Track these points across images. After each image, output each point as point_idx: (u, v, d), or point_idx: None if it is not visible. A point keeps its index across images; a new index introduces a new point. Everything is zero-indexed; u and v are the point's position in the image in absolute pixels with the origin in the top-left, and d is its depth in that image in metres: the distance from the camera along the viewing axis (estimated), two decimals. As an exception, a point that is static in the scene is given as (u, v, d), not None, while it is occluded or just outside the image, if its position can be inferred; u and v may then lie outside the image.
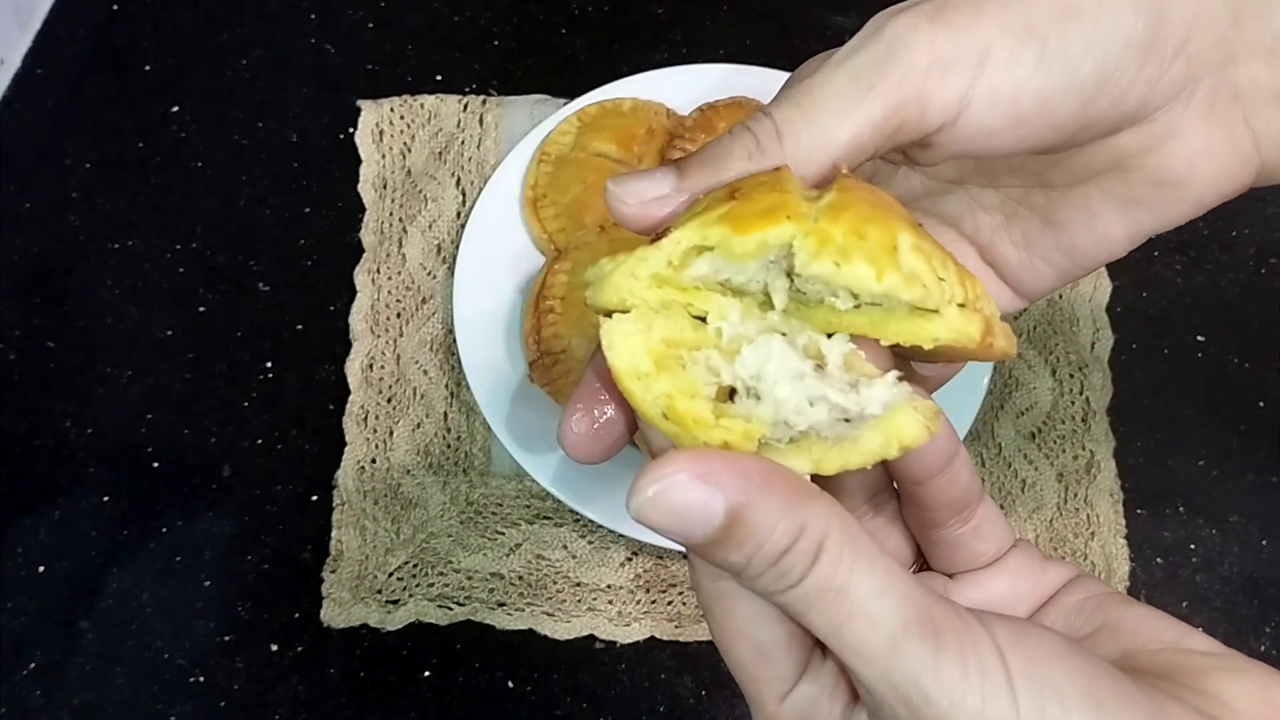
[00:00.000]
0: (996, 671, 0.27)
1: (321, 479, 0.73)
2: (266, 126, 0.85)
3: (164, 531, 0.71)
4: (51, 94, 0.86)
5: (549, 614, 0.69)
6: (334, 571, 0.70)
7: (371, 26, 0.90)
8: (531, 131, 0.80)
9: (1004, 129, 0.34)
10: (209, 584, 0.70)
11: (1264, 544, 0.71)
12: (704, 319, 0.31)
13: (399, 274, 0.79)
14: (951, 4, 0.34)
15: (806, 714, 0.31)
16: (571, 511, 0.71)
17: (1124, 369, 0.76)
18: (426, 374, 0.76)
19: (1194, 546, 0.71)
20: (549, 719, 0.67)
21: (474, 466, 0.73)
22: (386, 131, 0.84)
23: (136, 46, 0.89)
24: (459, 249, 0.76)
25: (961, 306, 0.30)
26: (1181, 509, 0.72)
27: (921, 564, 0.38)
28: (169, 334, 0.78)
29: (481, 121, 0.84)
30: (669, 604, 0.69)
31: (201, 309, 0.78)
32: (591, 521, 0.70)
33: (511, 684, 0.68)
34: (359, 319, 0.77)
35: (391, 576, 0.69)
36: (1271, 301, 0.79)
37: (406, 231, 0.80)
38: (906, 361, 0.33)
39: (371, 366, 0.76)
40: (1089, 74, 0.34)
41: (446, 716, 0.67)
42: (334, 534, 0.71)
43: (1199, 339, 0.78)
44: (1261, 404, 0.75)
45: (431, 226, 0.80)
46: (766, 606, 0.30)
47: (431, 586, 0.69)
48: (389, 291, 0.78)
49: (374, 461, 0.73)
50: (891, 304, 0.30)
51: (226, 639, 0.69)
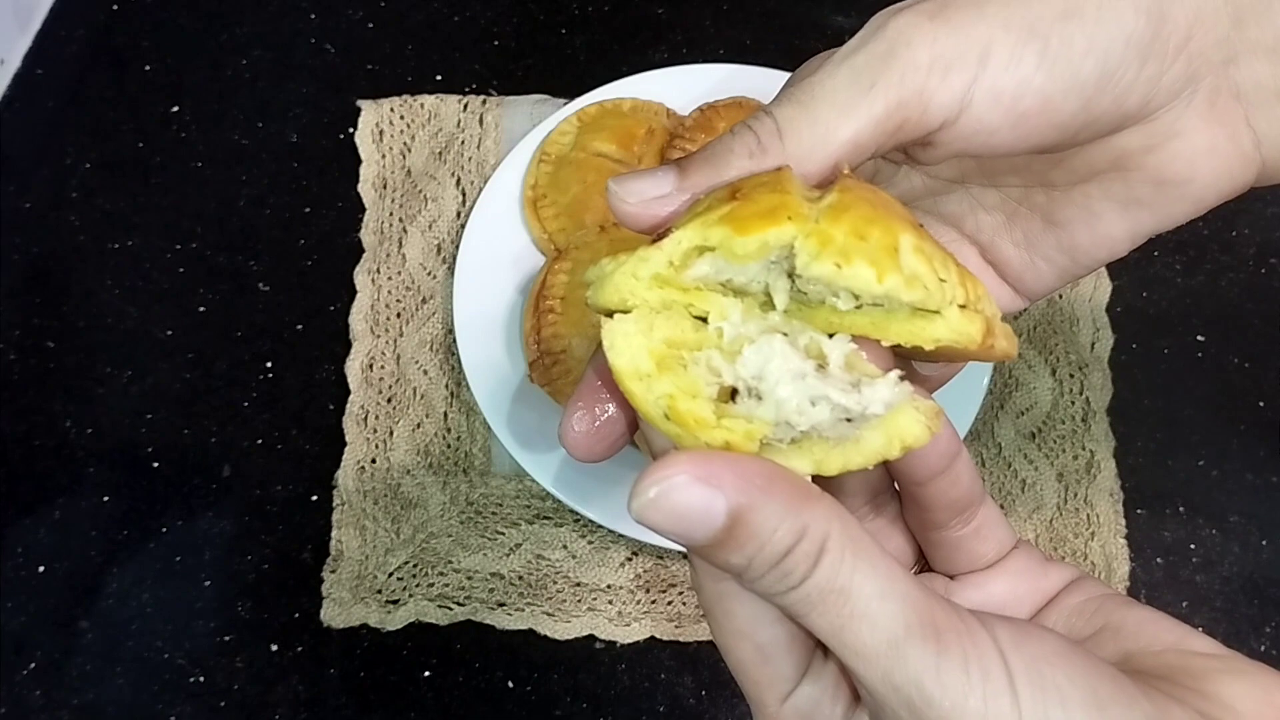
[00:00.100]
0: (998, 673, 0.27)
1: (321, 479, 0.73)
2: (266, 126, 0.85)
3: (164, 531, 0.71)
4: (51, 94, 0.86)
5: (549, 614, 0.69)
6: (334, 571, 0.70)
7: (371, 26, 0.90)
8: (531, 131, 0.80)
9: (1005, 127, 0.34)
10: (209, 584, 0.70)
11: (1264, 544, 0.71)
12: (705, 319, 0.31)
13: (399, 274, 0.79)
14: (953, 3, 0.33)
15: (808, 715, 0.31)
16: (571, 511, 0.71)
17: (1124, 369, 0.76)
18: (426, 374, 0.76)
19: (1194, 546, 0.71)
20: (549, 719, 0.67)
21: (474, 466, 0.73)
22: (386, 131, 0.84)
23: (136, 46, 0.89)
24: (459, 249, 0.76)
25: (963, 308, 0.30)
26: (1181, 509, 0.72)
27: (922, 565, 0.38)
28: (169, 334, 0.78)
29: (481, 121, 0.84)
30: (669, 604, 0.69)
31: (201, 309, 0.78)
32: (591, 521, 0.70)
33: (511, 684, 0.68)
34: (359, 319, 0.77)
35: (391, 576, 0.69)
36: (1271, 301, 0.78)
37: (406, 231, 0.80)
38: (907, 361, 0.33)
39: (371, 366, 0.76)
40: (1090, 73, 0.34)
41: (446, 716, 0.67)
42: (334, 534, 0.71)
43: (1199, 339, 0.77)
44: (1261, 404, 0.75)
45: (431, 226, 0.80)
46: (768, 608, 0.30)
47: (431, 586, 0.69)
48: (389, 291, 0.78)
49: (374, 461, 0.73)
50: (893, 305, 0.30)
51: (226, 639, 0.68)
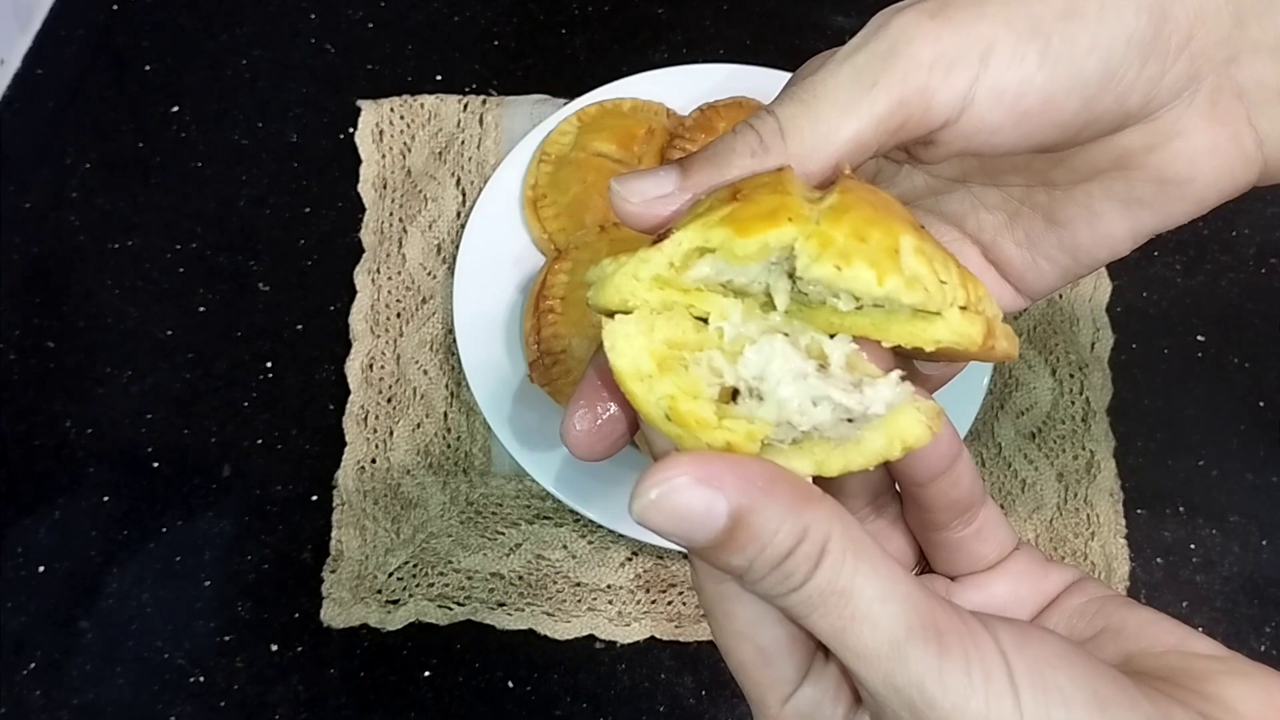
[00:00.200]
0: (1000, 675, 0.27)
1: (321, 479, 0.73)
2: (266, 126, 0.85)
3: (164, 531, 0.71)
4: (51, 94, 0.86)
5: (549, 614, 0.69)
6: (334, 571, 0.70)
7: (371, 26, 0.90)
8: (531, 131, 0.80)
9: (1007, 126, 0.34)
10: (209, 584, 0.70)
11: (1264, 544, 0.71)
12: (706, 320, 0.31)
13: (399, 274, 0.79)
14: (955, 2, 0.33)
15: (809, 717, 0.31)
16: (571, 511, 0.71)
17: (1124, 369, 0.76)
18: (426, 374, 0.76)
19: (1194, 546, 0.71)
20: (549, 719, 0.67)
21: (474, 466, 0.73)
22: (386, 131, 0.84)
23: (136, 46, 0.89)
24: (459, 249, 0.76)
25: (963, 309, 0.30)
26: (1181, 509, 0.72)
27: (923, 566, 0.38)
28: (169, 334, 0.77)
29: (481, 121, 0.84)
30: (669, 604, 0.69)
31: (201, 309, 0.78)
32: (591, 521, 0.70)
33: (511, 684, 0.68)
34: (359, 319, 0.77)
35: (391, 576, 0.69)
36: (1271, 301, 0.78)
37: (406, 231, 0.80)
38: (909, 361, 0.33)
39: (371, 366, 0.76)
40: (1092, 71, 0.34)
41: (446, 716, 0.67)
42: (334, 534, 0.71)
43: (1199, 339, 0.77)
44: (1261, 404, 0.75)
45: (431, 226, 0.80)
46: (769, 609, 0.30)
47: (431, 586, 0.69)
48: (389, 291, 0.78)
49: (374, 461, 0.73)
50: (893, 306, 0.29)
51: (226, 639, 0.68)
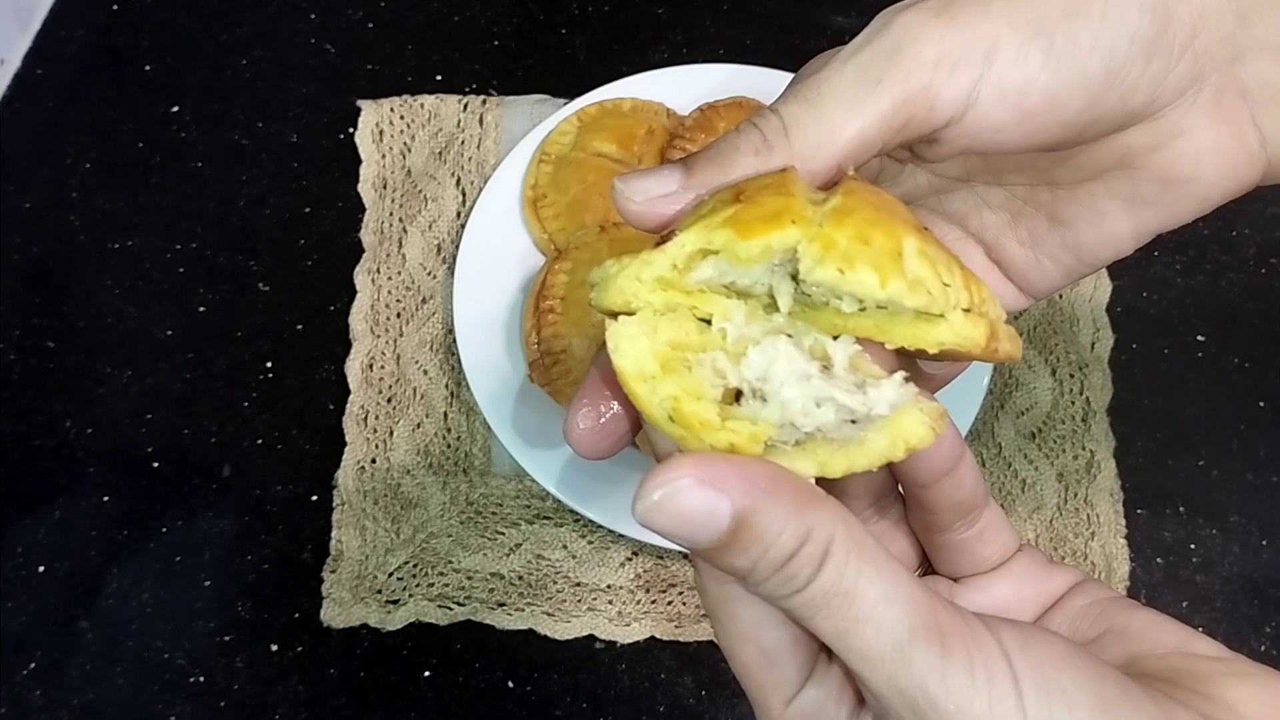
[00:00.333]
0: (1003, 677, 0.27)
1: (321, 479, 0.73)
2: (266, 126, 0.85)
3: (164, 531, 0.71)
4: (51, 94, 0.86)
5: (549, 614, 0.69)
6: (334, 571, 0.69)
7: (371, 26, 0.90)
8: (531, 131, 0.80)
9: (1011, 125, 0.34)
10: (209, 584, 0.70)
11: (1264, 544, 0.71)
12: (709, 321, 0.31)
13: (399, 274, 0.79)
14: (958, 0, 0.33)
15: (812, 718, 0.31)
16: (571, 511, 0.71)
17: (1124, 369, 0.76)
18: (426, 374, 0.76)
19: (1194, 546, 0.71)
20: (549, 719, 0.67)
21: (474, 466, 0.73)
22: (386, 131, 0.84)
23: (136, 46, 0.88)
24: (459, 249, 0.76)
25: (966, 311, 0.30)
26: (1181, 509, 0.72)
27: (926, 568, 0.38)
28: (169, 334, 0.77)
29: (481, 121, 0.84)
30: (669, 604, 0.69)
31: (201, 309, 0.78)
32: (591, 521, 0.70)
33: (511, 684, 0.68)
34: (359, 319, 0.77)
35: (391, 576, 0.69)
36: (1271, 301, 0.79)
37: (406, 231, 0.80)
38: (912, 359, 0.33)
39: (371, 366, 0.76)
40: (1096, 70, 0.34)
41: (446, 716, 0.67)
42: (334, 534, 0.71)
43: (1199, 339, 0.78)
44: (1261, 404, 0.76)
45: (431, 226, 0.80)
46: (772, 610, 0.30)
47: (431, 586, 0.69)
48: (389, 291, 0.78)
49: (374, 461, 0.73)
50: (896, 308, 0.29)
51: (226, 639, 0.68)
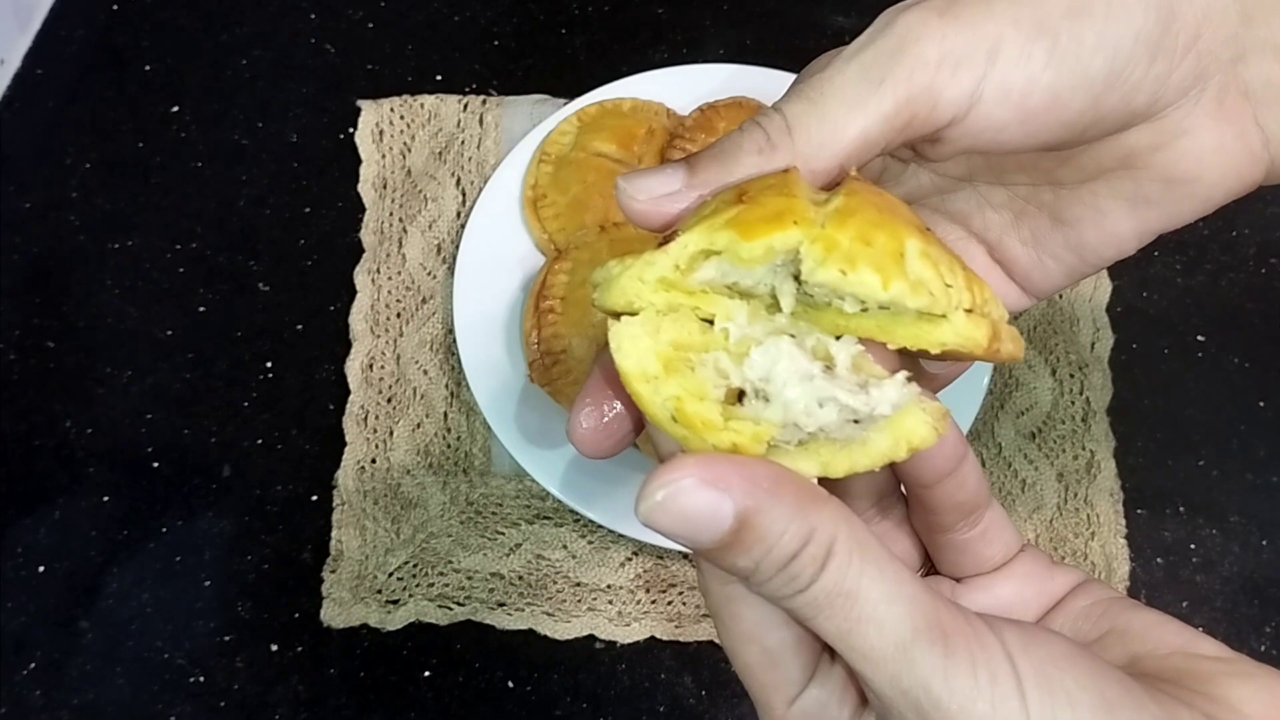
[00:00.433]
0: (1006, 677, 0.27)
1: (321, 479, 0.73)
2: (266, 126, 0.85)
3: (164, 531, 0.71)
4: (51, 94, 0.86)
5: (549, 614, 0.69)
6: (334, 571, 0.69)
7: (371, 26, 0.90)
8: (531, 131, 0.80)
9: (1014, 124, 0.34)
10: (209, 584, 0.70)
11: (1264, 544, 0.71)
12: (711, 322, 0.31)
13: (399, 274, 0.79)
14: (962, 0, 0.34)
15: (815, 718, 0.31)
16: (571, 511, 0.71)
17: (1124, 369, 0.76)
18: (426, 374, 0.76)
19: (1194, 546, 0.71)
20: (549, 719, 0.67)
21: (474, 466, 0.73)
22: (386, 131, 0.84)
23: (136, 46, 0.88)
24: (459, 249, 0.76)
25: (969, 312, 0.30)
26: (1181, 509, 0.72)
27: (928, 568, 0.38)
28: (169, 334, 0.77)
29: (481, 121, 0.84)
30: (669, 604, 0.69)
31: (201, 309, 0.78)
32: (591, 521, 0.70)
33: (511, 684, 0.68)
34: (359, 319, 0.77)
35: (391, 576, 0.69)
36: (1271, 301, 0.79)
37: (406, 231, 0.80)
38: (914, 359, 0.33)
39: (371, 366, 0.76)
40: (1099, 70, 0.34)
41: (446, 716, 0.67)
42: (334, 534, 0.71)
43: (1199, 339, 0.78)
44: (1261, 404, 0.76)
45: (431, 226, 0.80)
46: (775, 611, 0.30)
47: (431, 586, 0.69)
48: (389, 291, 0.78)
49: (374, 461, 0.73)
50: (898, 309, 0.29)
51: (226, 639, 0.68)
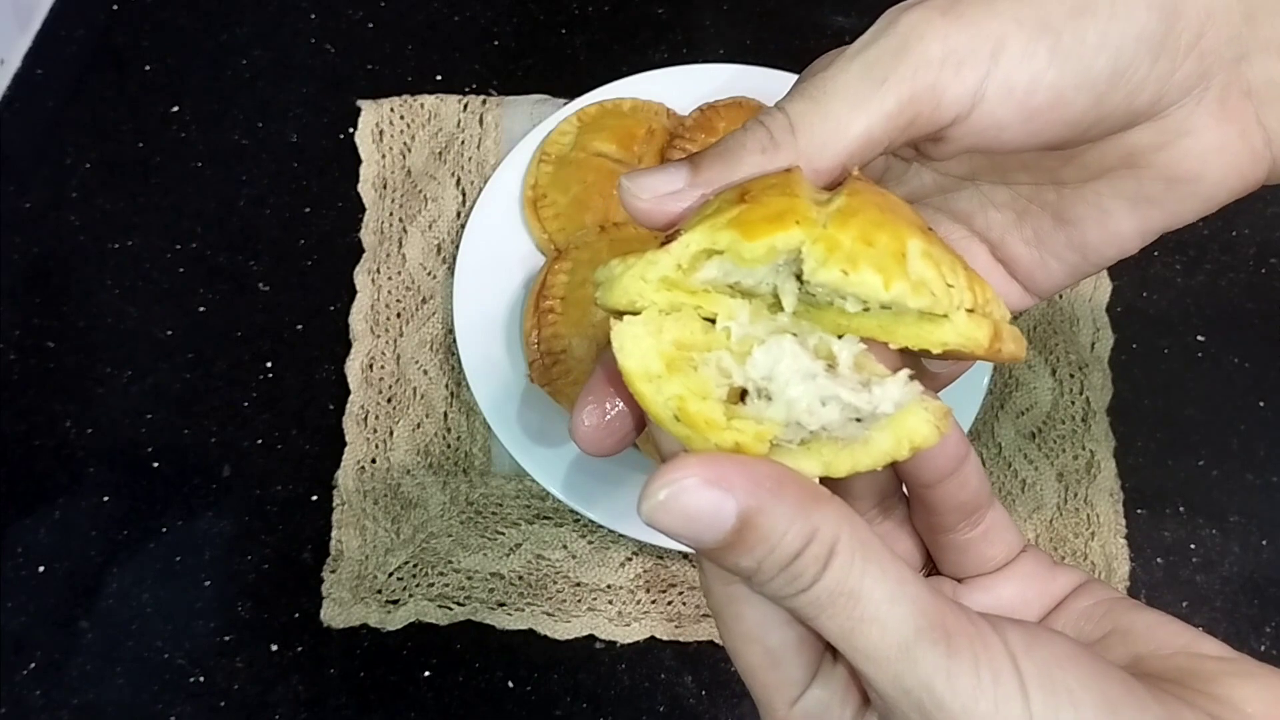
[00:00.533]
0: (1009, 677, 0.27)
1: (321, 479, 0.73)
2: (266, 126, 0.85)
3: (164, 531, 0.71)
4: (51, 94, 0.86)
5: (549, 614, 0.69)
6: (334, 571, 0.69)
7: (371, 26, 0.90)
8: (531, 131, 0.80)
9: (1017, 123, 0.34)
10: (209, 584, 0.70)
11: (1264, 544, 0.71)
12: (713, 321, 0.31)
13: (399, 274, 0.79)
14: None
15: (817, 719, 0.31)
16: (571, 511, 0.71)
17: (1124, 369, 0.76)
18: (426, 374, 0.76)
19: (1194, 546, 0.72)
20: (549, 719, 0.67)
21: (474, 466, 0.73)
22: (386, 131, 0.84)
23: (136, 46, 0.88)
24: (459, 249, 0.76)
25: (970, 312, 0.30)
26: (1181, 509, 0.72)
27: (930, 569, 0.38)
28: (169, 334, 0.77)
29: (481, 121, 0.84)
30: (669, 604, 0.69)
31: (201, 309, 0.78)
32: (591, 521, 0.70)
33: (511, 684, 0.68)
34: (359, 319, 0.77)
35: (391, 576, 0.69)
36: (1271, 301, 0.79)
37: (406, 231, 0.80)
38: (915, 358, 0.33)
39: (371, 366, 0.76)
40: (1102, 69, 0.34)
41: (446, 716, 0.67)
42: (334, 534, 0.71)
43: (1199, 339, 0.78)
44: (1261, 404, 0.76)
45: (431, 226, 0.80)
46: (777, 611, 0.30)
47: (431, 586, 0.69)
48: (389, 291, 0.78)
49: (374, 461, 0.73)
50: (900, 309, 0.29)
51: (226, 639, 0.68)
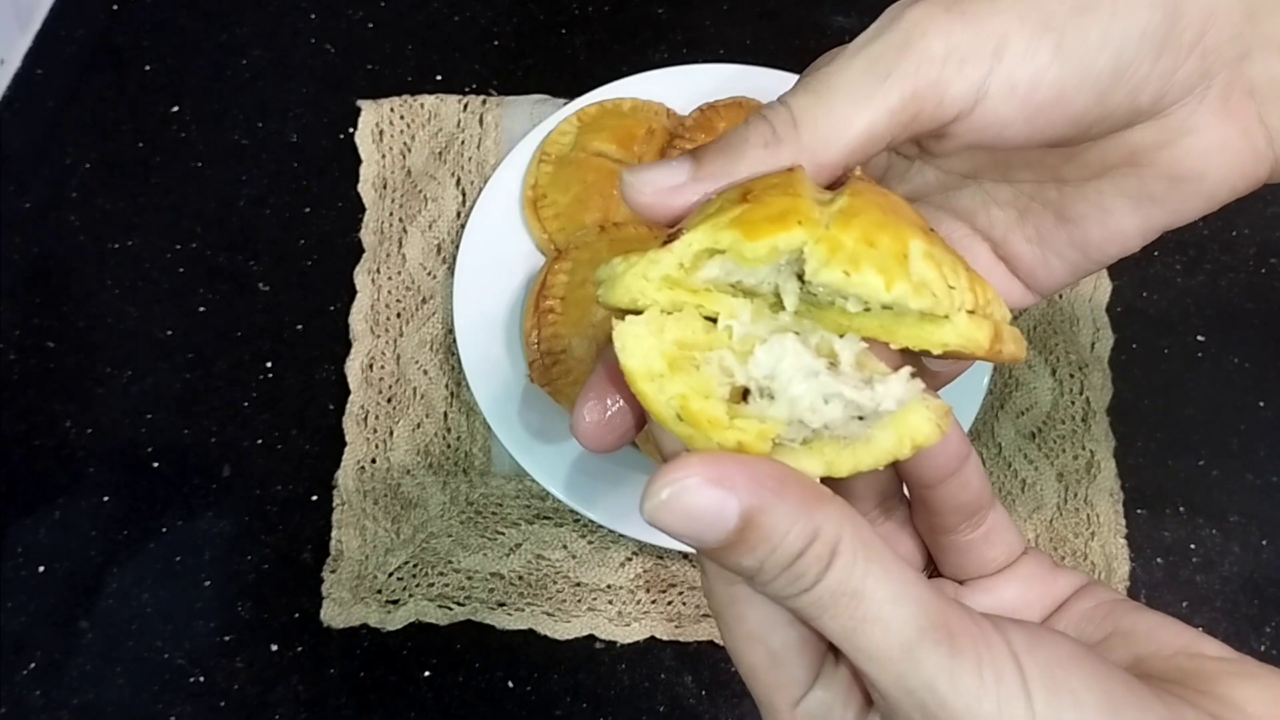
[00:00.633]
0: (1012, 677, 0.27)
1: (321, 479, 0.73)
2: (266, 126, 0.85)
3: (164, 531, 0.71)
4: (51, 94, 0.86)
5: (549, 614, 0.69)
6: (334, 571, 0.69)
7: (371, 26, 0.90)
8: (531, 131, 0.80)
9: (1020, 120, 0.34)
10: (209, 584, 0.70)
11: (1264, 544, 0.71)
12: (715, 320, 0.31)
13: (399, 274, 0.79)
14: None
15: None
16: (571, 511, 0.71)
17: (1124, 369, 0.76)
18: (426, 374, 0.76)
19: (1194, 546, 0.72)
20: (549, 719, 0.67)
21: (474, 466, 0.73)
22: (386, 131, 0.84)
23: (136, 46, 0.88)
24: (459, 249, 0.76)
25: (971, 313, 0.30)
26: (1181, 509, 0.72)
27: (931, 570, 0.38)
28: (169, 334, 0.77)
29: (481, 121, 0.84)
30: (669, 604, 0.69)
31: (201, 309, 0.78)
32: (591, 521, 0.70)
33: (511, 684, 0.68)
34: (359, 319, 0.77)
35: (391, 576, 0.69)
36: (1271, 301, 0.79)
37: (406, 231, 0.80)
38: (917, 357, 0.33)
39: (371, 366, 0.76)
40: (1105, 66, 0.34)
41: (446, 716, 0.67)
42: (334, 534, 0.71)
43: (1199, 339, 0.78)
44: (1261, 404, 0.76)
45: (431, 226, 0.80)
46: (779, 611, 0.30)
47: (431, 586, 0.69)
48: (389, 291, 0.78)
49: (374, 461, 0.73)
50: (901, 309, 0.30)
51: (226, 639, 0.68)
